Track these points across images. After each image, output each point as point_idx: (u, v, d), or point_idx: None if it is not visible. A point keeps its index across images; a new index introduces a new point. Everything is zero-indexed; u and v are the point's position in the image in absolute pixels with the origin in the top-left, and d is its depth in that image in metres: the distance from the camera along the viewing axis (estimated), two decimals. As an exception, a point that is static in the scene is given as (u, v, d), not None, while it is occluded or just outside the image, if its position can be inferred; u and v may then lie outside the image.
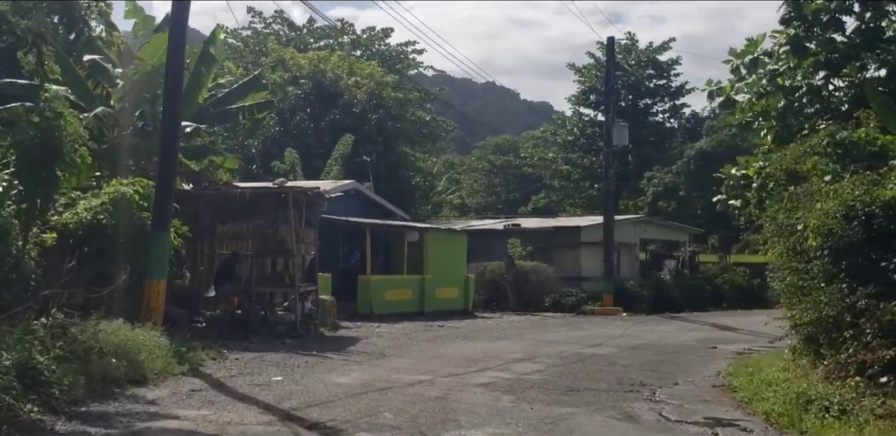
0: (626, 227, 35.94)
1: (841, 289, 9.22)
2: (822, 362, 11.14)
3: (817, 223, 9.53)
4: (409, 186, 36.64)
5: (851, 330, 8.87)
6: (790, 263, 11.19)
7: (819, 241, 9.50)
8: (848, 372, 8.98)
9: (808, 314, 10.42)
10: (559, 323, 25.75)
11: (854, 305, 8.84)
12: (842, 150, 11.15)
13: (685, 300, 33.89)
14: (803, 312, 11.02)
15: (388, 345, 16.72)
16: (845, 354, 8.94)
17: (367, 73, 40.04)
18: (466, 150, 79.80)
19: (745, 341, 21.94)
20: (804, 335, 11.16)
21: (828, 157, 10.96)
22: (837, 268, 9.39)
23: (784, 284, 13.10)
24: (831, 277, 9.53)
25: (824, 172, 10.50)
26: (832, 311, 9.29)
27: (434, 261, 27.74)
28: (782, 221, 11.02)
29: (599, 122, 51.04)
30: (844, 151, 11.16)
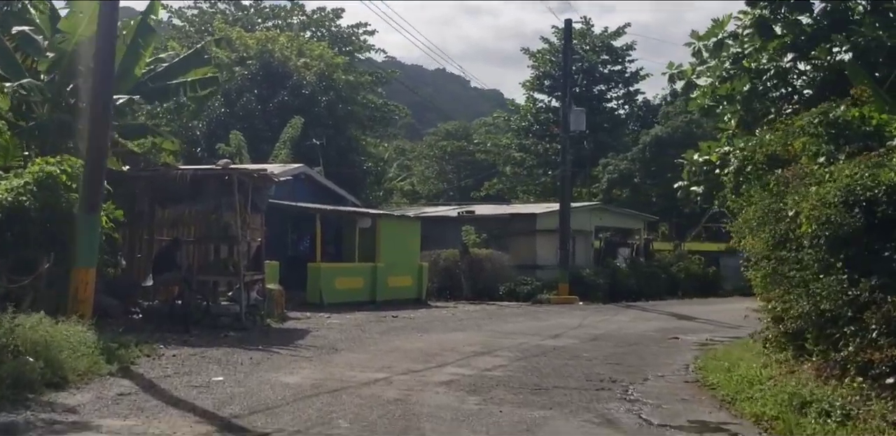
0: (582, 214, 35.25)
1: (840, 280, 8.42)
2: (807, 358, 10.41)
3: (812, 209, 8.72)
4: (361, 171, 35.48)
5: (853, 326, 8.07)
6: (776, 251, 10.40)
7: (814, 228, 8.70)
8: (846, 371, 8.20)
9: (798, 307, 9.63)
10: (516, 313, 24.93)
11: (857, 298, 8.04)
12: (835, 129, 10.37)
13: (641, 289, 33.36)
14: (789, 304, 10.25)
15: (339, 338, 15.68)
16: (845, 351, 8.14)
17: (316, 55, 38.72)
18: (417, 137, 78.74)
19: (706, 331, 21.50)
20: (789, 329, 10.39)
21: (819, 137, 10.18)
22: (835, 257, 8.59)
23: (762, 273, 12.37)
24: (827, 268, 8.74)
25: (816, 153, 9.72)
26: (829, 304, 8.49)
27: (387, 248, 26.73)
28: (768, 206, 10.21)
29: (554, 108, 50.38)
30: (838, 130, 10.38)
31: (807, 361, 10.36)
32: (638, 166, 43.68)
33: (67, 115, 15.74)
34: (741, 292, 38.10)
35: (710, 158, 22.42)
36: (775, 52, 20.40)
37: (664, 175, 42.94)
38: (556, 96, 50.45)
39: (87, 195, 11.96)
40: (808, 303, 9.22)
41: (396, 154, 71.94)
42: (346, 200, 29.34)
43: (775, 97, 20.96)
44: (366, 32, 45.71)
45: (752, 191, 12.32)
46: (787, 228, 9.86)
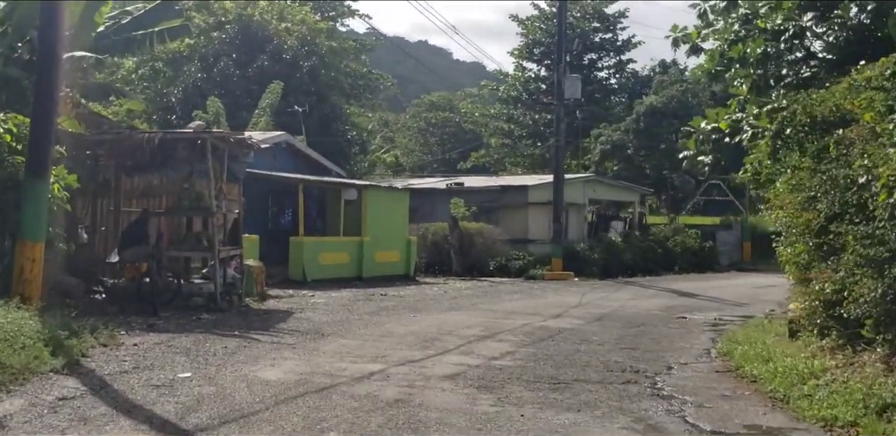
0: (575, 186, 33.81)
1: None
2: (865, 347, 9.04)
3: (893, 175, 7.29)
4: (345, 141, 33.82)
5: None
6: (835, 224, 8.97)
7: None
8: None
9: (862, 288, 8.24)
10: (510, 290, 23.53)
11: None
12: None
13: (636, 264, 32.06)
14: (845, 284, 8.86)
15: (325, 320, 14.18)
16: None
17: (298, 20, 36.87)
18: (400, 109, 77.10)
19: (711, 309, 20.24)
20: (842, 313, 9.01)
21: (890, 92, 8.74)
22: (924, 232, 7.18)
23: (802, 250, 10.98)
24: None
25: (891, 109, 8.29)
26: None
27: (373, 222, 25.24)
28: (826, 172, 8.77)
29: (543, 77, 48.82)
30: (916, 84, 8.92)
31: (866, 351, 9.00)
32: (631, 137, 42.20)
33: (21, 71, 14.04)
34: (737, 268, 37.13)
35: (718, 125, 21.04)
36: (790, 11, 18.92)
37: (658, 146, 41.64)
38: (546, 65, 48.87)
39: (34, 157, 10.29)
40: (880, 284, 7.81)
41: (380, 126, 70.39)
42: (331, 170, 27.77)
43: (791, 60, 19.51)
44: (349, -4, 43.83)
45: (793, 156, 10.88)
46: (853, 196, 8.45)
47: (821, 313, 10.24)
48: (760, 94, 20.39)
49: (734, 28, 21.56)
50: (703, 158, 21.66)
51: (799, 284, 12.00)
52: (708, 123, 21.42)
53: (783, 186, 10.74)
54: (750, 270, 36.48)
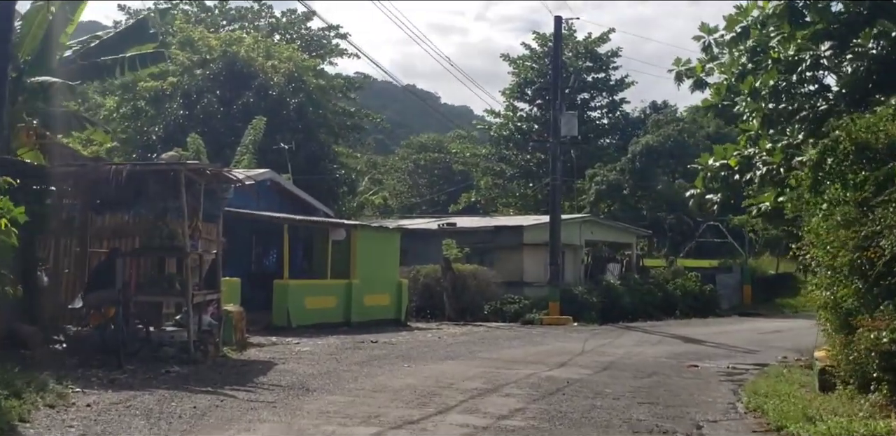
0: (572, 227, 32.66)
1: None
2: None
3: None
4: (333, 180, 32.61)
5: None
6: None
7: None
8: None
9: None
10: (508, 336, 22.17)
11: None
12: None
13: (636, 308, 30.76)
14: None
15: (310, 372, 12.78)
16: None
17: (285, 57, 35.94)
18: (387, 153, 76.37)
19: (722, 357, 18.98)
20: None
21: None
22: None
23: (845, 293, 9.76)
24: None
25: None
26: None
27: (363, 263, 23.93)
28: (890, 204, 7.59)
29: (535, 116, 47.96)
30: None
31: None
32: (627, 177, 41.17)
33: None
34: (739, 312, 35.88)
35: (727, 162, 19.97)
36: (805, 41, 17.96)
37: (655, 186, 40.62)
38: (538, 105, 48.07)
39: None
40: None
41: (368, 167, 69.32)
42: (318, 210, 26.53)
43: (807, 93, 18.50)
44: (338, 35, 43.01)
45: (834, 188, 9.71)
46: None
47: (873, 365, 8.97)
48: (772, 128, 19.38)
49: (742, 60, 20.64)
50: (711, 196, 20.53)
51: (838, 332, 10.75)
52: (716, 160, 20.33)
53: (825, 223, 9.55)
54: (752, 314, 35.26)
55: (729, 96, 20.88)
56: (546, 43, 47.03)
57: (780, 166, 17.58)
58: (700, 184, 20.79)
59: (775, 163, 17.68)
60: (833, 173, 9.54)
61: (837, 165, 9.49)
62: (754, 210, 18.94)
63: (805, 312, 36.24)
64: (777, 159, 17.58)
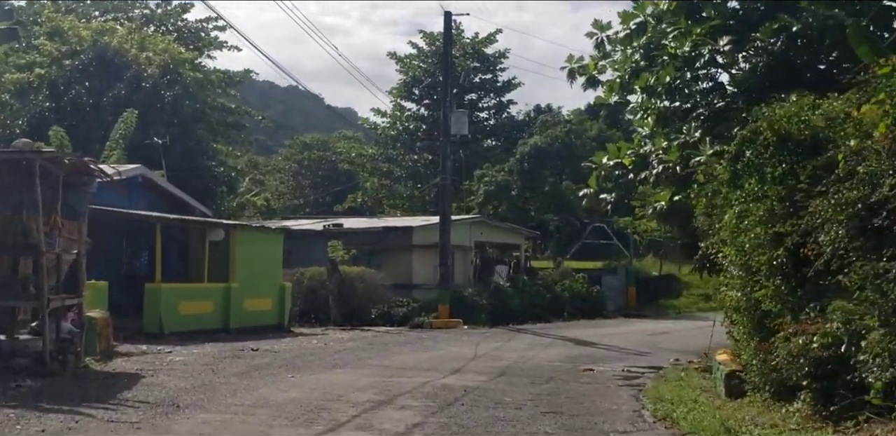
0: (462, 228, 31.96)
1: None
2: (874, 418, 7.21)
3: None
4: (212, 178, 30.92)
5: None
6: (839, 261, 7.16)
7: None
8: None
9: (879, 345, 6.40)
10: (398, 341, 21.22)
11: None
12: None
13: (525, 310, 30.30)
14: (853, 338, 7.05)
15: (183, 386, 11.50)
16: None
17: (160, 49, 33.99)
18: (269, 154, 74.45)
19: (615, 360, 18.66)
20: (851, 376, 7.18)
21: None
22: None
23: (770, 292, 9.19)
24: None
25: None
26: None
27: (243, 266, 22.58)
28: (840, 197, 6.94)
29: (423, 116, 47.20)
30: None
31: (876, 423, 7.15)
32: (515, 178, 40.78)
33: None
34: (624, 313, 35.88)
35: (621, 160, 19.57)
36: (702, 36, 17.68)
37: (542, 188, 40.40)
38: (426, 105, 47.35)
39: None
40: None
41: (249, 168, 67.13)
42: (195, 209, 24.95)
43: (705, 89, 18.24)
44: (216, 27, 41.08)
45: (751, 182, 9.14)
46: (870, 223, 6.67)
47: (798, 372, 8.40)
48: (667, 126, 19.06)
49: (635, 57, 20.29)
50: (605, 196, 20.12)
51: (752, 335, 10.21)
52: (610, 159, 19.93)
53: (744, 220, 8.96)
54: (637, 315, 35.36)
55: (622, 94, 20.54)
56: (434, 42, 46.33)
57: (677, 165, 17.22)
58: (593, 183, 20.35)
59: (671, 161, 17.32)
60: (752, 166, 8.95)
61: (757, 157, 8.90)
62: (650, 209, 18.58)
63: (688, 314, 36.66)
64: (673, 157, 17.22)
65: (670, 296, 39.38)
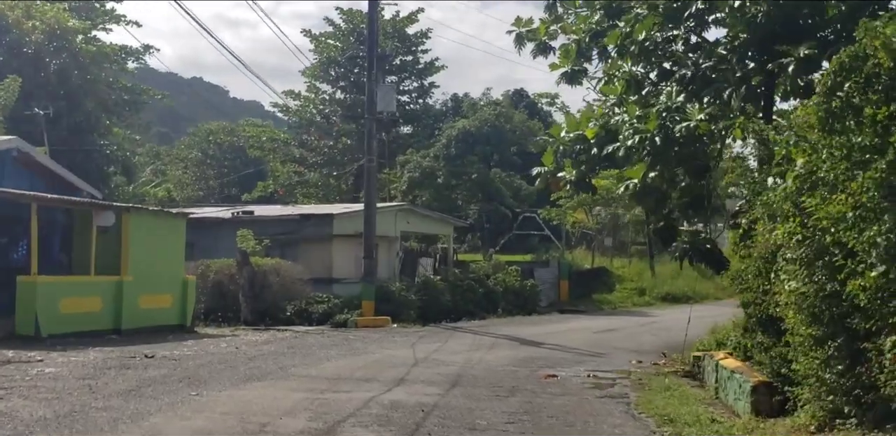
0: (387, 216, 29.08)
1: None
2: None
3: None
4: (103, 157, 27.28)
5: None
6: None
7: None
8: None
9: None
10: (323, 343, 18.24)
11: None
12: None
13: (457, 306, 27.59)
14: None
15: (41, 415, 8.28)
16: None
17: (49, 17, 30.12)
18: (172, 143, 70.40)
19: (571, 362, 16.54)
20: None
21: None
22: None
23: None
24: None
25: None
26: None
27: (138, 256, 19.33)
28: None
29: (339, 100, 44.06)
30: None
31: None
32: (442, 164, 37.91)
33: None
34: (558, 309, 33.48)
35: (583, 133, 17.01)
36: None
37: (471, 175, 37.73)
38: (342, 87, 44.20)
39: None
40: None
41: (150, 157, 62.77)
42: (81, 191, 21.43)
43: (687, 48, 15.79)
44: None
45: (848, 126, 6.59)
46: None
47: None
48: (639, 92, 16.60)
49: (595, 18, 17.78)
50: (564, 174, 17.50)
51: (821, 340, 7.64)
52: (569, 132, 17.36)
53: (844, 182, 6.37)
54: (573, 311, 33.06)
55: (578, 61, 18.02)
56: (352, 19, 43.28)
57: (656, 135, 14.69)
58: (549, 160, 17.67)
59: (648, 131, 14.78)
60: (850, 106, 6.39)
61: (857, 93, 6.33)
62: (622, 187, 16.04)
63: (624, 309, 34.62)
64: (651, 127, 14.67)
65: (603, 290, 37.23)
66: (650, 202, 15.43)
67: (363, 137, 34.03)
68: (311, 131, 43.48)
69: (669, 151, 14.59)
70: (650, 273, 38.99)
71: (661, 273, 39.16)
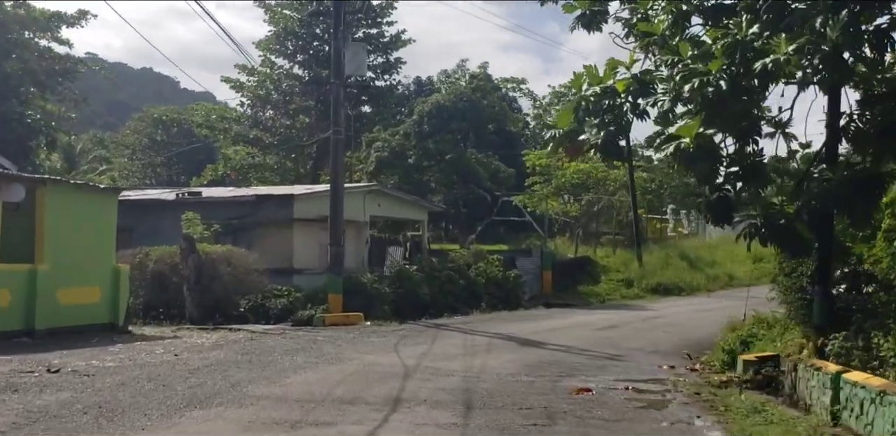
0: (355, 198, 25.59)
1: None
2: None
3: None
4: (23, 127, 23.36)
5: None
6: None
7: None
8: None
9: None
10: (286, 347, 14.71)
11: None
12: None
13: (435, 300, 24.13)
14: None
15: None
16: None
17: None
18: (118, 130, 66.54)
19: (591, 368, 13.64)
20: None
21: None
22: None
23: None
24: None
25: None
26: None
27: (56, 240, 15.79)
28: None
29: (297, 75, 40.33)
30: None
31: None
32: (413, 143, 34.28)
33: None
34: (543, 302, 30.22)
35: (613, 85, 13.61)
36: None
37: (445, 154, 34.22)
38: (300, 62, 40.43)
39: None
40: None
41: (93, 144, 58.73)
42: (-10, 162, 17.72)
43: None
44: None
45: None
46: None
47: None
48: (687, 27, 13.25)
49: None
50: (587, 136, 14.06)
51: None
52: (592, 84, 13.94)
53: None
54: (560, 305, 29.73)
55: (600, 1, 14.63)
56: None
57: (719, 79, 11.35)
58: (566, 119, 14.13)
59: (710, 73, 11.41)
60: None
61: None
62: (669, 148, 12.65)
63: (614, 302, 31.48)
64: (716, 67, 11.31)
65: (588, 281, 34.02)
66: (705, 167, 12.07)
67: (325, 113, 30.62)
68: (267, 109, 39.65)
69: (737, 99, 11.25)
70: (637, 263, 35.93)
71: (649, 263, 36.20)
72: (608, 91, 13.38)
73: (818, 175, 11.72)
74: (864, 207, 11.72)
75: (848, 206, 11.62)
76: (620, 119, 13.39)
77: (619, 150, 14.14)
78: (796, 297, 15.13)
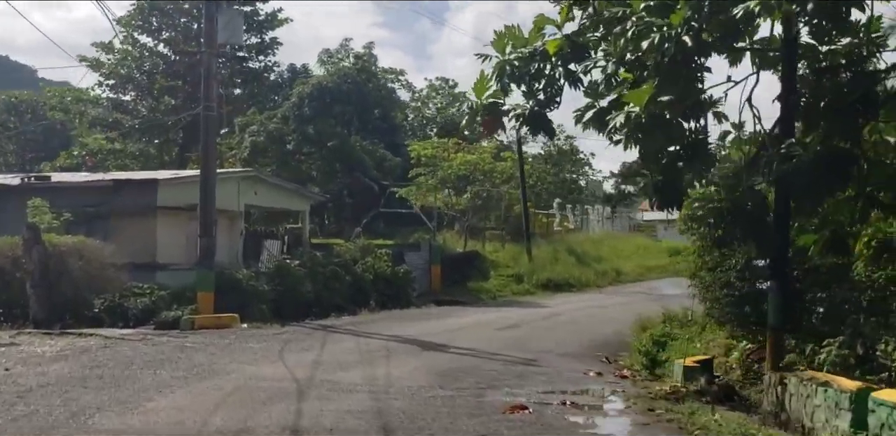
0: (229, 185, 22.98)
1: None
2: None
3: None
4: None
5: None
6: None
7: None
8: None
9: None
10: (148, 358, 12.16)
11: None
12: None
13: (319, 298, 21.80)
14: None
15: None
16: None
17: None
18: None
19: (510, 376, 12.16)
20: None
21: None
22: None
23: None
24: None
25: None
26: None
27: None
28: None
29: (162, 53, 37.07)
30: None
31: None
32: (292, 128, 31.56)
33: None
34: (433, 299, 28.29)
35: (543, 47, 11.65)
36: None
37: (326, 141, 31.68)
38: (166, 40, 37.18)
39: None
40: None
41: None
42: None
43: None
44: None
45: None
46: None
47: None
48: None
49: None
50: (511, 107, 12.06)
51: None
52: (516, 47, 11.93)
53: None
54: (451, 302, 27.85)
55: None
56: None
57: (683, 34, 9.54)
58: (484, 88, 12.12)
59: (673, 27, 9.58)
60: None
61: None
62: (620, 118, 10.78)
63: (505, 299, 29.88)
64: (678, 20, 9.49)
65: (478, 277, 32.32)
66: (659, 141, 10.27)
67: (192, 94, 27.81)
68: (129, 90, 36.23)
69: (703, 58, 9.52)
70: (527, 258, 34.50)
71: (538, 258, 34.86)
72: (537, 54, 11.40)
73: (785, 151, 10.04)
74: (831, 190, 10.21)
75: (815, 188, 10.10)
76: (551, 86, 11.47)
77: (548, 122, 12.17)
78: (722, 294, 13.72)
